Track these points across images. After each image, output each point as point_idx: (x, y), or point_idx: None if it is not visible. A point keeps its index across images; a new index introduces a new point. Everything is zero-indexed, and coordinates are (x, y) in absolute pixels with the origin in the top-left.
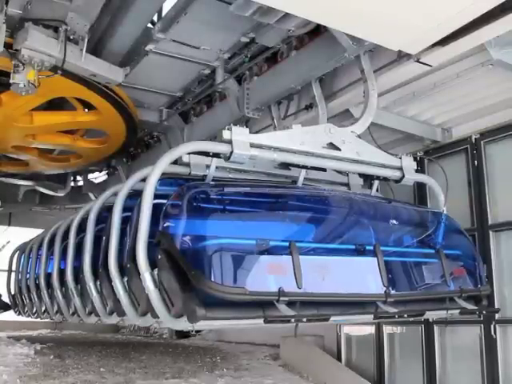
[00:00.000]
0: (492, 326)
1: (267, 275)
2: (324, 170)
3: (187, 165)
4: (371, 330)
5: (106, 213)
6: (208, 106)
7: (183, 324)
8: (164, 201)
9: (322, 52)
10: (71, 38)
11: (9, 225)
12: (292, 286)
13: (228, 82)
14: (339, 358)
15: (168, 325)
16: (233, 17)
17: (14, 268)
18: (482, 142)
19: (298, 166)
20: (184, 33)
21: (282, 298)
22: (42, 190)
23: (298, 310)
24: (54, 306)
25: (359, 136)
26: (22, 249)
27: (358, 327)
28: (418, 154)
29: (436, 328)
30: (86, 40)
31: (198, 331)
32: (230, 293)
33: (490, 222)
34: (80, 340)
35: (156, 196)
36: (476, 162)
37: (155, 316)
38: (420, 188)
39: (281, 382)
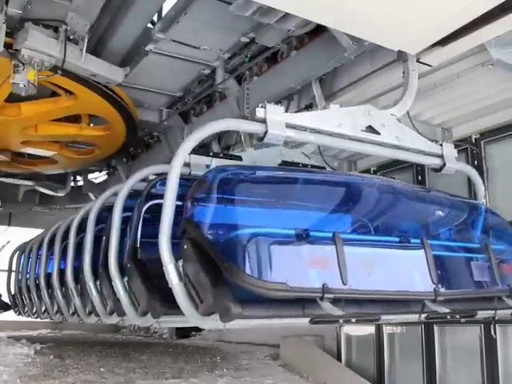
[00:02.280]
0: (492, 326)
1: (309, 269)
2: (323, 169)
3: (187, 165)
4: (371, 330)
5: (106, 213)
6: (208, 106)
7: (213, 323)
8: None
9: (321, 52)
10: (71, 38)
11: (9, 225)
12: (336, 282)
13: (228, 82)
14: (339, 358)
15: (195, 323)
16: (233, 17)
17: (14, 268)
18: (482, 142)
19: (297, 164)
20: (184, 33)
21: (326, 295)
22: (42, 189)
23: (343, 308)
24: (54, 306)
25: (399, 119)
26: (22, 249)
27: (358, 327)
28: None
29: (436, 328)
30: (86, 40)
31: (198, 331)
32: (271, 289)
33: None
34: (80, 340)
35: (156, 196)
36: (476, 161)
37: (178, 313)
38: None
39: (281, 382)
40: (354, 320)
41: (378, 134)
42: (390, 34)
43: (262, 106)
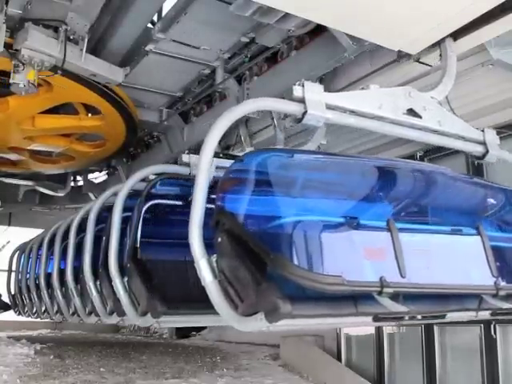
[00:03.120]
0: (492, 326)
1: (363, 260)
2: None
3: (187, 165)
4: (371, 330)
5: (106, 213)
6: (208, 106)
7: (255, 324)
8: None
9: (321, 52)
10: (71, 38)
11: (9, 225)
12: (393, 275)
13: (228, 82)
14: (339, 358)
15: (233, 325)
16: (233, 17)
17: (14, 268)
18: None
19: None
20: (184, 33)
21: (385, 290)
22: (42, 189)
23: (405, 304)
24: (54, 306)
25: (440, 103)
26: (22, 249)
27: (358, 327)
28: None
29: (436, 328)
30: (86, 40)
31: (198, 331)
32: (326, 283)
33: None
34: (80, 340)
35: (156, 196)
36: (476, 161)
37: (214, 313)
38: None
39: (281, 382)
40: (419, 317)
41: (420, 117)
42: (390, 34)
43: (299, 84)
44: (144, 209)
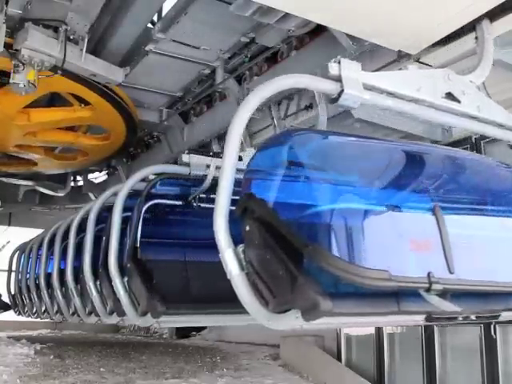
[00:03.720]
0: (492, 326)
1: (409, 253)
2: None
3: (187, 165)
4: (371, 330)
5: (106, 213)
6: (208, 106)
7: (288, 322)
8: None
9: (321, 52)
10: (71, 38)
11: (9, 225)
12: (440, 270)
13: (228, 82)
14: (339, 358)
15: (262, 322)
16: (233, 17)
17: (14, 268)
18: (482, 142)
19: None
20: (184, 33)
21: (434, 287)
22: (42, 189)
23: (455, 303)
24: (54, 306)
25: (478, 87)
26: (22, 249)
27: (358, 327)
28: None
29: (436, 328)
30: (86, 40)
31: (198, 331)
32: (371, 278)
33: None
34: (80, 340)
35: (156, 196)
36: None
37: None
38: None
39: (281, 382)
40: (473, 317)
41: (458, 102)
42: (390, 34)
43: (335, 61)
44: (144, 209)
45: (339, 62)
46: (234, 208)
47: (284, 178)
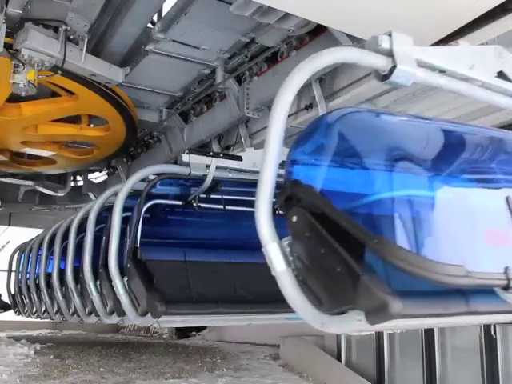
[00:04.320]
0: (492, 326)
1: (484, 246)
2: None
3: (187, 165)
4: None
5: (106, 213)
6: (208, 106)
7: (350, 325)
8: None
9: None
10: (71, 37)
11: (9, 225)
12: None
13: (228, 82)
14: (339, 358)
15: (314, 325)
16: (233, 17)
17: (14, 268)
18: None
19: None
20: (184, 33)
21: None
22: (41, 189)
23: None
24: (54, 306)
25: None
26: (22, 249)
27: None
28: None
29: (436, 328)
30: (86, 40)
31: (198, 331)
32: (447, 274)
33: None
34: (80, 340)
35: (156, 196)
36: None
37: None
38: None
39: (281, 382)
40: None
41: (510, 81)
42: None
43: (385, 33)
44: (144, 209)
45: (390, 35)
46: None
47: (337, 162)
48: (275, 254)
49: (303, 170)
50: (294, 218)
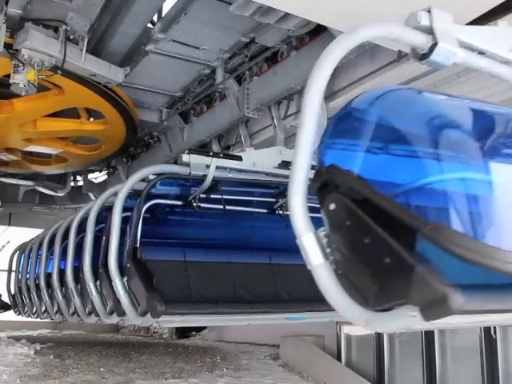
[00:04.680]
0: (492, 326)
1: None
2: None
3: (187, 165)
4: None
5: (106, 213)
6: (208, 106)
7: (401, 322)
8: None
9: (321, 52)
10: (71, 38)
11: (9, 225)
12: None
13: (228, 82)
14: (339, 358)
15: (357, 323)
16: (233, 17)
17: (14, 268)
18: None
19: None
20: (184, 33)
21: None
22: (41, 189)
23: None
24: (54, 306)
25: None
26: (22, 249)
27: (358, 327)
28: None
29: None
30: (86, 40)
31: (198, 331)
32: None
33: None
34: (80, 340)
35: (156, 196)
36: None
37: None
38: None
39: (281, 382)
40: None
41: None
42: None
43: (424, 9)
44: (144, 209)
45: (429, 11)
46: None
47: (379, 144)
48: (311, 245)
49: (340, 153)
50: (332, 206)
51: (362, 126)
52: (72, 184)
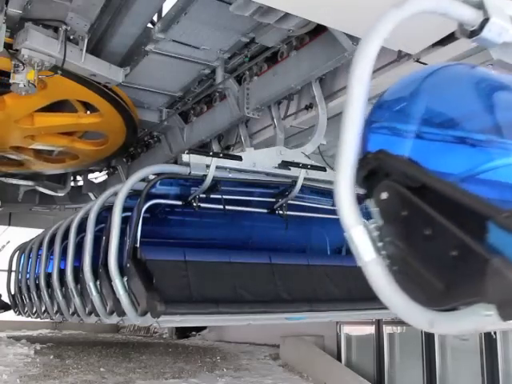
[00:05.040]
0: None
1: None
2: (324, 169)
3: (187, 165)
4: (371, 330)
5: (106, 213)
6: (208, 106)
7: (471, 321)
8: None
9: (321, 52)
10: (71, 37)
11: (9, 225)
12: None
13: (228, 82)
14: (339, 358)
15: (418, 324)
16: (233, 17)
17: (14, 268)
18: None
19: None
20: (184, 33)
21: None
22: (41, 189)
23: None
24: (54, 306)
25: None
26: (22, 249)
27: (358, 327)
28: None
29: None
30: (86, 40)
31: (198, 331)
32: None
33: None
34: (80, 340)
35: (156, 196)
36: None
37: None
38: None
39: (281, 382)
40: None
41: None
42: (389, 34)
43: None
44: (144, 209)
45: None
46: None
47: (436, 126)
48: (362, 239)
49: (388, 138)
50: (384, 195)
51: (414, 107)
52: (72, 184)
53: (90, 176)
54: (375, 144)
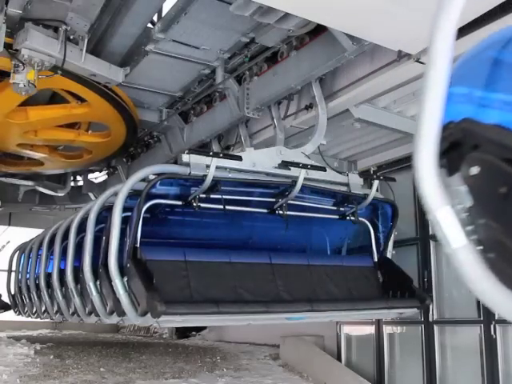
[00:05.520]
0: (492, 326)
1: None
2: (324, 169)
3: (187, 165)
4: (371, 330)
5: (106, 213)
6: (208, 106)
7: None
8: None
9: (321, 52)
10: (71, 38)
11: (9, 225)
12: None
13: (228, 82)
14: (339, 358)
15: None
16: (233, 17)
17: (14, 268)
18: None
19: (297, 164)
20: (184, 33)
21: None
22: (41, 189)
23: None
24: (54, 306)
25: None
26: (22, 249)
27: (358, 327)
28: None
29: (436, 328)
30: (86, 40)
31: (198, 331)
32: None
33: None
34: (80, 340)
35: (156, 196)
36: None
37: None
38: None
39: (281, 382)
40: None
41: None
42: (389, 34)
43: None
44: (144, 209)
45: None
46: None
47: None
48: (450, 222)
49: (472, 106)
50: (475, 170)
51: (505, 69)
52: (72, 184)
53: (90, 176)
54: (462, 112)
